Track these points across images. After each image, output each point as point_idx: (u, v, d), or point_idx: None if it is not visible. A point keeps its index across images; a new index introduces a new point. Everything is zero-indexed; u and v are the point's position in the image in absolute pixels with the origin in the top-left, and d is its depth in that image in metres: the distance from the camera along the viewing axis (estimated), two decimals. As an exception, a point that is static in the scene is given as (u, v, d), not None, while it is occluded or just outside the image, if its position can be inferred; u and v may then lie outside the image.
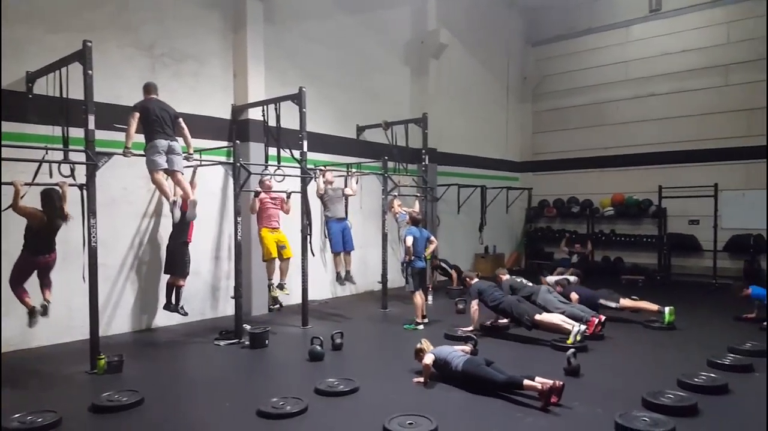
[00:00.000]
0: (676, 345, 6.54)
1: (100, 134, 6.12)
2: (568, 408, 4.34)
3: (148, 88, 6.50)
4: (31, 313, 5.31)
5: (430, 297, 9.38)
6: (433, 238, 7.96)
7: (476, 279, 7.35)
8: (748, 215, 11.41)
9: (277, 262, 7.61)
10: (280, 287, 7.58)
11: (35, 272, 5.45)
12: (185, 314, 7.22)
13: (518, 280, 7.80)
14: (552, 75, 14.75)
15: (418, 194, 9.74)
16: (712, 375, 5.02)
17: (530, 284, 7.74)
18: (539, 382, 4.41)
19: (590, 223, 13.59)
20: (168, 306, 7.14)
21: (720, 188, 11.13)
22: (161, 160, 6.20)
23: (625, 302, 7.72)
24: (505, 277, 7.78)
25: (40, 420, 4.09)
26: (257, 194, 7.48)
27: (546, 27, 14.77)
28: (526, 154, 15.19)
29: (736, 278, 11.12)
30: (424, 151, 9.83)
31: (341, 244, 8.55)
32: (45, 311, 5.41)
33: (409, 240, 7.44)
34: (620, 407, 4.18)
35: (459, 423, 4.16)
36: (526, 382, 4.47)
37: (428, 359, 5.03)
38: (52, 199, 5.32)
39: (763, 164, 11.24)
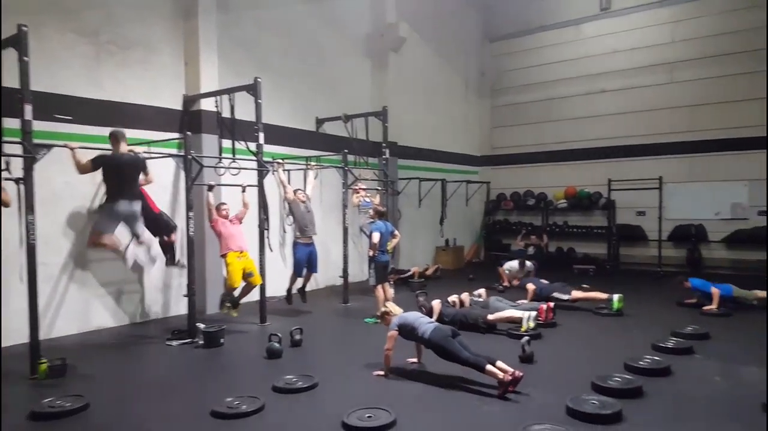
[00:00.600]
0: (624, 330, 6.83)
1: (40, 125, 5.80)
2: (523, 394, 4.43)
3: (116, 138, 6.31)
4: None
5: (391, 290, 9.36)
6: (396, 232, 7.93)
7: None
8: (691, 206, 12.06)
9: (242, 283, 7.18)
10: (234, 305, 7.16)
11: None
12: (183, 266, 7.16)
13: (471, 299, 7.80)
14: (509, 71, 14.97)
15: (379, 188, 9.68)
16: (656, 358, 5.24)
17: (482, 298, 7.82)
18: (501, 369, 4.46)
19: (545, 215, 13.93)
20: (169, 263, 7.41)
21: (664, 180, 11.75)
22: (112, 226, 6.10)
23: (576, 293, 8.04)
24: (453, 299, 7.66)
25: (-27, 430, 3.82)
26: (210, 187, 7.18)
27: (503, 23, 14.96)
28: (485, 148, 15.39)
29: (679, 266, 11.71)
30: (384, 144, 9.78)
31: (303, 270, 8.08)
32: None
33: (376, 236, 7.38)
34: (571, 391, 4.31)
35: (418, 414, 4.15)
36: (488, 368, 4.50)
37: (393, 330, 4.98)
38: None
39: (704, 157, 11.88)
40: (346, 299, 8.72)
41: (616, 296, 7.55)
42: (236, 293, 7.14)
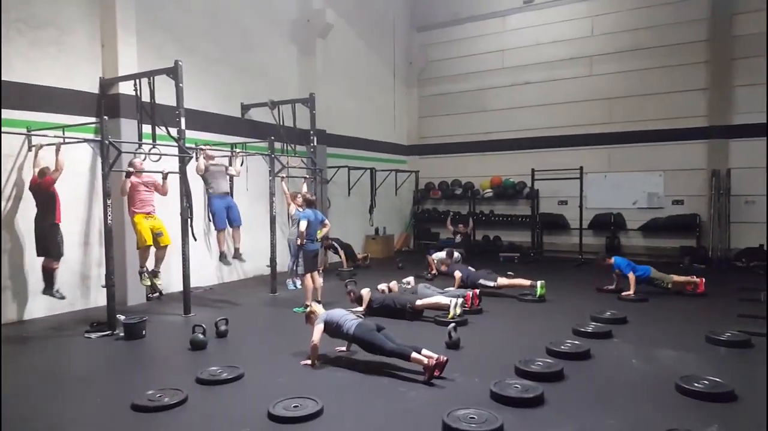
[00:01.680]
0: (546, 315, 7.16)
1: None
2: (449, 380, 4.60)
3: None
4: None
5: (320, 279, 9.41)
6: (327, 221, 7.97)
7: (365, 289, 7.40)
8: (610, 196, 12.75)
9: (153, 249, 7.18)
10: (154, 274, 7.21)
11: None
12: (62, 297, 6.72)
13: (400, 286, 8.04)
14: (436, 61, 15.23)
15: (307, 176, 9.66)
16: (577, 342, 5.47)
17: (410, 285, 8.06)
18: (425, 356, 4.63)
19: (472, 204, 14.38)
20: (47, 291, 6.63)
21: (585, 170, 12.29)
22: None
23: (501, 280, 8.35)
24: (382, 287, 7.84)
25: None
26: (128, 174, 6.91)
27: (431, 12, 15.16)
28: (413, 137, 15.65)
29: (599, 253, 12.40)
30: (312, 132, 9.75)
31: (224, 220, 8.26)
32: None
33: (303, 225, 7.39)
34: (496, 376, 4.49)
35: (345, 402, 4.25)
36: (414, 355, 4.66)
37: (317, 334, 5.05)
38: None
39: (622, 148, 12.60)
40: (274, 288, 8.70)
41: (539, 283, 7.91)
42: (148, 264, 7.11)
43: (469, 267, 8.89)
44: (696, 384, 4.27)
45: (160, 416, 3.99)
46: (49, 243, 6.48)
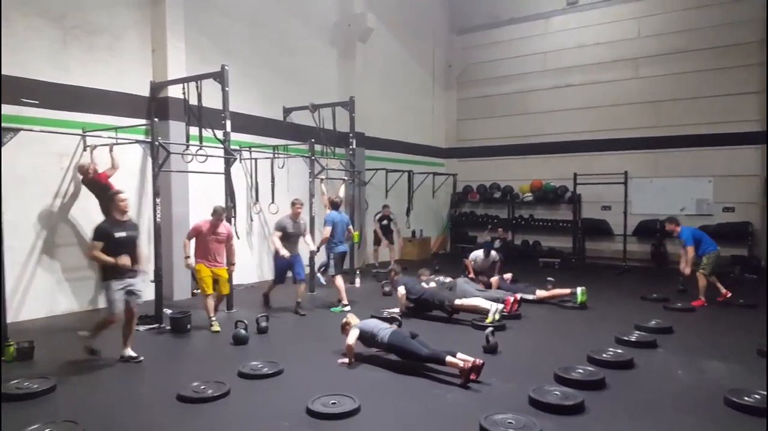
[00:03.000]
0: (587, 323, 7.01)
1: (7, 109, 5.74)
2: (486, 384, 4.57)
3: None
4: None
5: (357, 280, 9.53)
6: (351, 227, 8.06)
7: (401, 275, 7.57)
8: (656, 202, 12.33)
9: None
10: (215, 325, 6.39)
11: None
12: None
13: (437, 279, 8.10)
14: (476, 63, 15.14)
15: (345, 178, 9.77)
16: (619, 350, 5.34)
17: (448, 279, 8.02)
18: (461, 359, 4.62)
19: (511, 208, 14.22)
20: None
21: (630, 175, 11.93)
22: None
23: (540, 293, 8.11)
24: (423, 277, 7.93)
25: (-61, 413, 3.83)
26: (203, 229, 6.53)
27: (471, 16, 15.08)
28: (451, 140, 15.60)
29: (644, 261, 12.04)
30: (351, 134, 9.86)
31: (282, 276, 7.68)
32: None
33: (328, 231, 7.53)
34: (534, 382, 4.43)
35: (382, 402, 4.29)
36: (449, 359, 4.67)
37: (351, 337, 5.14)
38: None
39: (669, 153, 12.19)
40: (312, 288, 8.83)
41: (579, 290, 7.73)
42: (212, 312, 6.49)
43: (505, 276, 8.74)
44: (747, 398, 4.11)
45: (204, 407, 4.13)
46: None
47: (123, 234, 5.05)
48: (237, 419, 3.97)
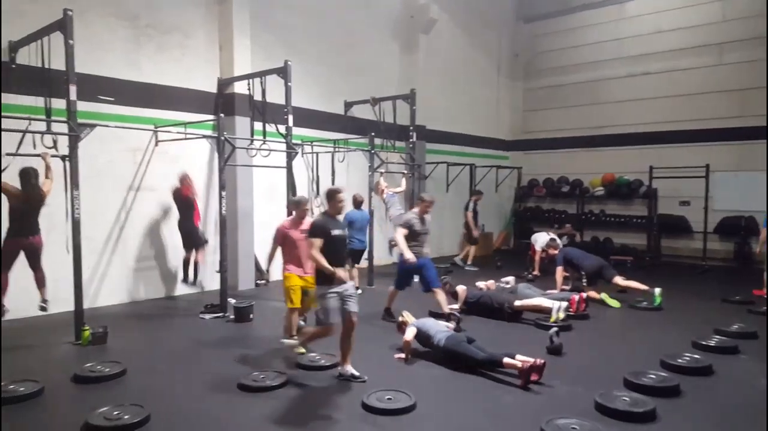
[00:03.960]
0: (661, 325, 6.57)
1: (84, 106, 6.09)
2: (548, 386, 4.38)
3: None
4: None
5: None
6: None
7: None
8: (741, 197, 11.36)
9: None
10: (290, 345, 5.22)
11: (22, 256, 5.41)
12: (193, 284, 7.57)
13: (504, 280, 7.88)
14: (544, 52, 14.60)
15: (405, 172, 9.69)
16: (696, 356, 4.98)
17: (509, 281, 7.81)
18: (519, 360, 4.44)
19: (580, 203, 13.62)
20: (185, 280, 7.58)
21: (712, 168, 11.10)
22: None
23: (617, 279, 7.65)
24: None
25: (22, 389, 4.13)
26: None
27: (539, 3, 14.56)
28: (516, 132, 15.14)
29: (726, 261, 11.18)
30: (411, 128, 9.75)
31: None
32: (44, 308, 5.51)
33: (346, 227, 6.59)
34: (601, 386, 4.20)
35: (438, 400, 4.20)
36: (506, 360, 4.51)
37: (409, 334, 5.08)
38: (29, 177, 5.25)
39: (756, 145, 11.19)
40: (371, 281, 8.84)
41: (657, 290, 7.24)
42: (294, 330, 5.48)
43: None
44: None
45: (262, 396, 4.21)
46: (194, 240, 7.37)
47: (339, 232, 4.59)
48: (294, 409, 4.01)
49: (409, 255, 6.08)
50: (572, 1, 13.91)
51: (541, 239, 9.49)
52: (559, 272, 8.08)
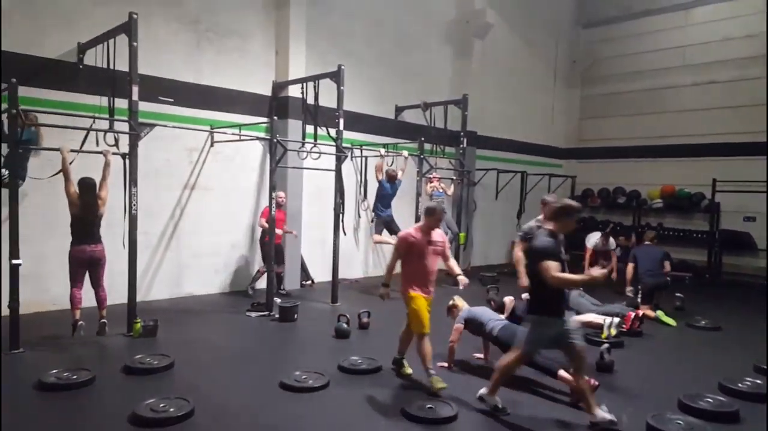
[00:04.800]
0: (721, 347, 6.22)
1: (145, 106, 6.32)
2: (597, 405, 4.20)
3: None
4: (74, 326, 5.31)
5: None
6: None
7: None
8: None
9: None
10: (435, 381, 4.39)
11: (87, 271, 5.46)
12: (251, 293, 7.73)
13: None
14: (604, 59, 14.15)
15: (454, 177, 9.57)
16: (758, 381, 4.72)
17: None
18: (574, 376, 4.25)
19: (637, 215, 13.09)
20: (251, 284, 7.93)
21: (781, 183, 10.42)
22: None
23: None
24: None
25: (75, 377, 4.30)
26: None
27: (599, 8, 14.15)
28: (572, 140, 14.72)
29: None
30: (462, 133, 9.63)
31: None
32: (102, 330, 5.35)
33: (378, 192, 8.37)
34: (654, 408, 4.01)
35: (480, 412, 4.08)
36: (561, 373, 4.31)
37: (459, 323, 4.97)
38: (88, 188, 5.37)
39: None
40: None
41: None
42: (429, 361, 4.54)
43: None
44: None
45: (303, 397, 4.23)
46: (281, 256, 7.63)
47: (565, 256, 3.99)
48: (334, 412, 4.01)
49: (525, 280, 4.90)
50: (634, 7, 13.42)
51: (593, 238, 9.15)
52: (630, 269, 7.81)
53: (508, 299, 6.80)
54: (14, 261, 4.99)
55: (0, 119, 5.55)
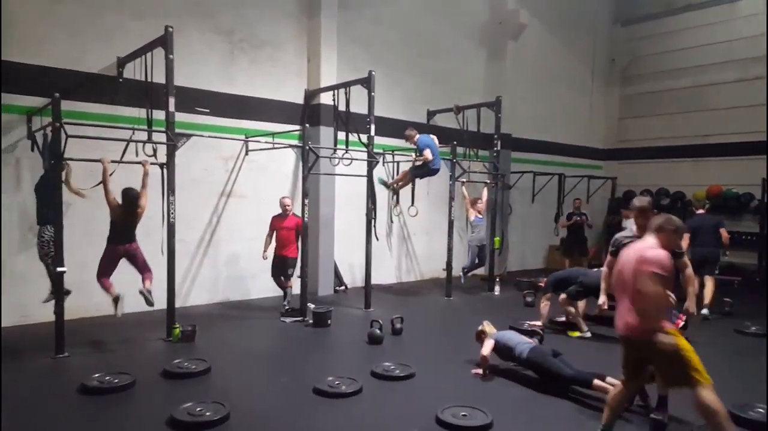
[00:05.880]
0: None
1: (182, 117, 6.49)
2: (639, 413, 4.04)
3: None
4: (115, 301, 5.59)
5: (497, 288, 9.15)
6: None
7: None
8: None
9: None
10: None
11: (123, 260, 5.70)
12: (286, 309, 7.19)
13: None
14: (644, 56, 13.73)
15: (488, 181, 9.43)
16: None
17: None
18: (611, 384, 4.10)
19: (681, 217, 12.52)
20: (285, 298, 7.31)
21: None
22: None
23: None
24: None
25: (116, 380, 4.43)
26: None
27: (638, 4, 13.75)
28: (611, 141, 14.32)
29: None
30: (496, 136, 9.49)
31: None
32: (148, 300, 5.65)
33: (428, 152, 7.81)
34: (699, 417, 3.77)
35: (516, 421, 3.99)
36: (596, 382, 4.21)
37: (487, 348, 4.88)
38: (131, 199, 5.59)
39: None
40: (449, 292, 8.66)
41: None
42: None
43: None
44: None
45: (336, 402, 4.23)
46: (286, 269, 7.16)
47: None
48: (368, 418, 3.99)
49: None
50: (675, 2, 12.99)
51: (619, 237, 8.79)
52: (686, 240, 7.36)
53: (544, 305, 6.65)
54: (60, 269, 5.20)
55: (44, 132, 5.80)
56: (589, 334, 6.34)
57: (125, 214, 5.58)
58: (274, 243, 7.22)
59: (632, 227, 4.68)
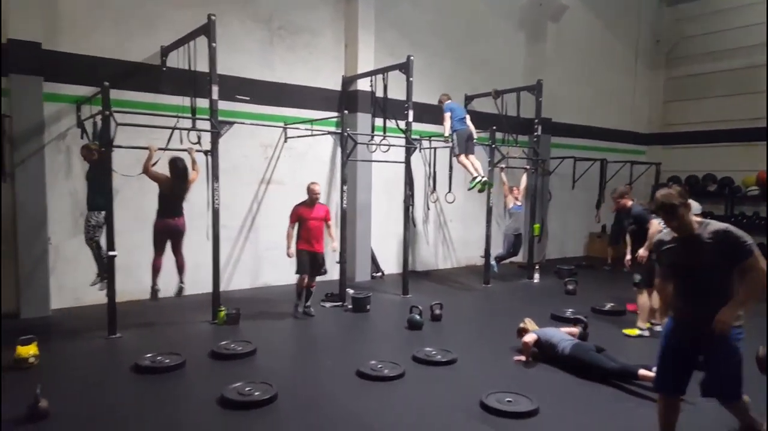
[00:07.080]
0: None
1: (223, 105, 6.58)
2: (688, 403, 3.90)
3: None
4: (153, 293, 5.83)
5: (537, 276, 9.02)
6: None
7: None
8: None
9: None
10: None
11: (169, 243, 5.81)
12: (312, 315, 6.52)
13: None
14: (691, 37, 13.14)
15: (527, 167, 9.26)
16: None
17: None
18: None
19: (729, 204, 12.12)
20: (324, 299, 7.02)
21: None
22: None
23: None
24: None
25: (168, 361, 4.59)
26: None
27: (684, -16, 13.16)
28: (655, 125, 13.83)
29: None
30: (536, 120, 9.29)
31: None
32: (179, 293, 5.88)
33: (448, 116, 7.89)
34: (753, 407, 3.62)
35: (561, 407, 3.95)
36: (642, 372, 4.16)
37: (529, 337, 4.84)
38: (176, 165, 5.71)
39: None
40: (487, 280, 8.57)
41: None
42: None
43: None
44: None
45: (380, 385, 4.27)
46: (316, 267, 6.49)
47: None
48: (412, 402, 4.01)
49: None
50: (725, -22, 12.38)
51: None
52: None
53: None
54: (111, 253, 5.38)
55: (93, 120, 5.98)
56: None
57: (174, 186, 5.71)
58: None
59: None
